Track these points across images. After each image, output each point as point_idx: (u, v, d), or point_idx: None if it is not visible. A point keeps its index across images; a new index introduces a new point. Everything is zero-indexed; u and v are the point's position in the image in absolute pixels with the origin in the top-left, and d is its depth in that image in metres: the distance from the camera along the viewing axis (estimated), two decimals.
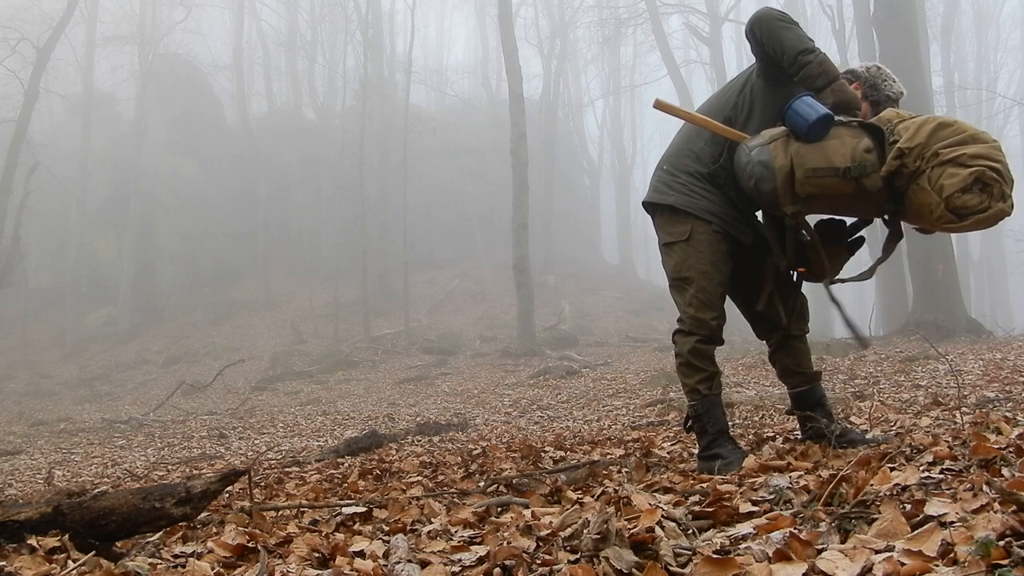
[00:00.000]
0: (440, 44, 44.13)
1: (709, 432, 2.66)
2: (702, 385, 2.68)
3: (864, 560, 1.28)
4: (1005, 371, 5.79)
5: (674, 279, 2.74)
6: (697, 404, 2.69)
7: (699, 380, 2.68)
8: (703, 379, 2.69)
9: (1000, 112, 27.50)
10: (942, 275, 11.09)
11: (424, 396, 10.98)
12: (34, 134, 19.32)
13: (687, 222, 2.67)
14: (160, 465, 6.20)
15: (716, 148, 2.67)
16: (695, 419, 2.70)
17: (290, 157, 26.23)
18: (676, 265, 2.71)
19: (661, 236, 2.77)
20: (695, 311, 2.67)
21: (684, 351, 2.70)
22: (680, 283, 2.71)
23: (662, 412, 6.02)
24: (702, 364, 2.69)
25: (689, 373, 2.70)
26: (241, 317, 22.44)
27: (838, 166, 2.35)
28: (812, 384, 2.85)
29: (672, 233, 2.72)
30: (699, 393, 2.69)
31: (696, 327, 2.68)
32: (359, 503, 2.51)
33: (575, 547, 1.55)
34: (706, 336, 2.69)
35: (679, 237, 2.69)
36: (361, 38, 22.93)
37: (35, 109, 17.51)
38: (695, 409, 2.70)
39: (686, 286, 2.69)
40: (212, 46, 30.78)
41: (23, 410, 14.16)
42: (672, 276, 2.75)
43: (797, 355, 2.84)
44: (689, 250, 2.67)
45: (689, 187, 2.69)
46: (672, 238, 2.72)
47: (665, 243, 2.76)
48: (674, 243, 2.72)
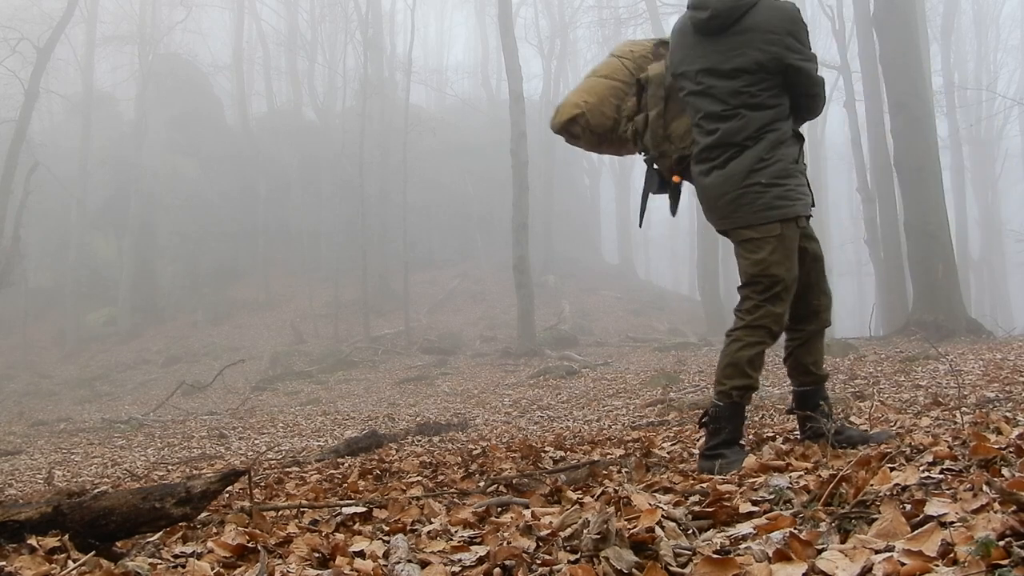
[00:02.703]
0: (440, 44, 44.13)
1: (722, 436, 2.61)
2: (736, 391, 2.62)
3: (864, 560, 1.28)
4: (1005, 371, 5.79)
5: (761, 275, 2.61)
6: (724, 407, 2.62)
7: (737, 385, 2.61)
8: (742, 386, 2.62)
9: (1000, 112, 27.53)
10: (942, 275, 11.09)
11: (424, 396, 10.98)
12: (34, 134, 19.31)
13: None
14: (160, 465, 6.20)
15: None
16: (714, 420, 2.63)
17: (290, 157, 26.22)
18: (763, 261, 2.61)
19: (743, 233, 2.65)
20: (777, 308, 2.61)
21: (743, 353, 2.60)
22: (768, 280, 2.61)
23: (662, 412, 6.02)
24: (751, 371, 2.62)
25: (732, 375, 2.62)
26: (241, 317, 22.44)
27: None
28: (820, 385, 2.83)
29: (759, 229, 2.62)
30: (730, 397, 2.62)
31: (774, 323, 2.61)
32: (359, 503, 2.51)
33: (575, 547, 1.55)
34: (774, 338, 2.65)
35: (768, 233, 2.60)
36: (361, 38, 22.93)
37: (35, 109, 17.50)
38: (719, 411, 2.63)
39: (773, 285, 2.60)
40: (212, 46, 30.77)
41: (23, 410, 14.17)
42: (758, 273, 2.61)
43: (815, 352, 2.80)
44: (779, 247, 2.61)
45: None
46: (758, 234, 2.62)
47: (749, 239, 2.64)
48: (761, 239, 2.62)
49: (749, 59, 2.59)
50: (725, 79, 2.62)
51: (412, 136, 20.77)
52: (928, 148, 11.71)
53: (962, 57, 32.12)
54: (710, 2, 2.61)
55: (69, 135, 24.18)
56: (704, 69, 2.65)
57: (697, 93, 2.68)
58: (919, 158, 11.52)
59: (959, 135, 27.13)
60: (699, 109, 2.68)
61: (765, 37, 2.59)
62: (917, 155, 11.55)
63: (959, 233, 22.64)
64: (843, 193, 35.23)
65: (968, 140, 28.78)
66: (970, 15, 32.61)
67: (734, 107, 2.61)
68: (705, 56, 2.65)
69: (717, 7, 2.60)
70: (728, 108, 2.61)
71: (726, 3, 2.60)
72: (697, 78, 2.67)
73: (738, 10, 2.59)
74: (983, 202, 31.13)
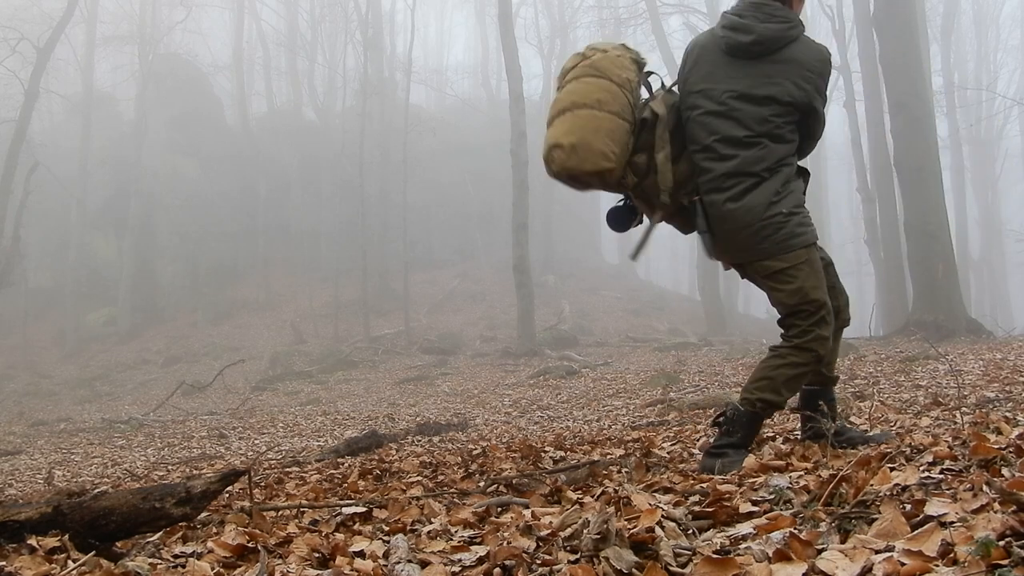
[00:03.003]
0: (440, 44, 44.16)
1: (733, 438, 2.59)
2: (762, 404, 2.60)
3: (864, 560, 1.28)
4: (1005, 371, 5.79)
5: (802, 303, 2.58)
6: (744, 414, 2.60)
7: (765, 399, 2.59)
8: (770, 401, 2.60)
9: (1000, 112, 27.53)
10: (942, 275, 11.09)
11: (424, 396, 10.98)
12: (34, 134, 19.31)
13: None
14: (160, 465, 6.20)
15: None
16: (730, 422, 2.60)
17: (290, 157, 26.22)
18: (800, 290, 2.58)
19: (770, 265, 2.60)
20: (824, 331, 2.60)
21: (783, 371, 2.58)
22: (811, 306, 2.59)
23: (662, 412, 6.02)
24: (785, 391, 2.60)
25: (764, 388, 2.59)
26: (241, 317, 22.45)
27: None
28: (829, 386, 2.82)
29: (787, 258, 2.57)
30: (754, 407, 2.60)
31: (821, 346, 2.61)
32: (359, 503, 2.51)
33: (575, 547, 1.55)
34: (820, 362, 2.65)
35: (796, 260, 2.58)
36: (361, 38, 22.94)
37: (35, 109, 17.51)
38: (739, 416, 2.60)
39: (817, 309, 2.59)
40: (212, 46, 30.78)
41: (23, 410, 14.17)
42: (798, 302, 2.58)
43: (831, 353, 2.78)
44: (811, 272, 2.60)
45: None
46: (787, 263, 2.57)
47: (778, 270, 2.59)
48: (791, 267, 2.57)
49: (783, 91, 2.56)
50: (754, 105, 2.56)
51: (412, 136, 20.77)
52: (928, 148, 11.71)
53: (962, 57, 32.13)
54: (755, 28, 2.56)
55: (69, 135, 24.18)
56: (733, 91, 2.57)
57: (718, 114, 2.58)
58: (919, 158, 11.52)
59: (959, 135, 27.13)
60: (715, 131, 2.58)
61: (803, 73, 2.58)
62: (917, 155, 11.55)
63: (959, 233, 22.64)
64: (843, 193, 35.24)
65: (968, 140, 28.79)
66: (970, 15, 32.63)
67: (758, 135, 2.55)
68: (736, 79, 2.57)
69: (763, 34, 2.56)
70: (752, 135, 2.55)
71: (773, 32, 2.56)
72: (722, 98, 2.57)
73: (782, 41, 2.57)
74: (983, 202, 31.13)
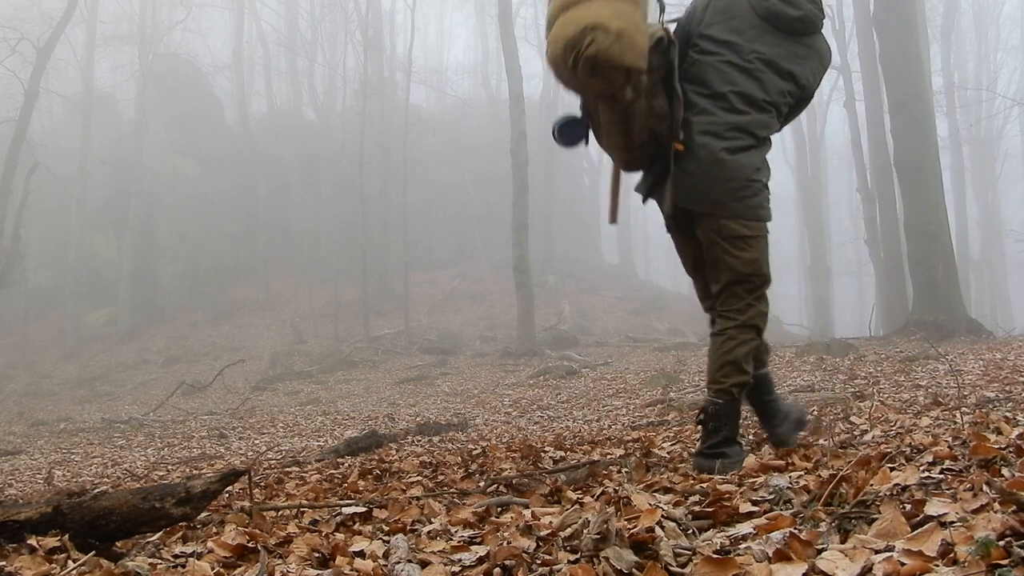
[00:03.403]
0: (440, 44, 44.16)
1: (723, 434, 2.58)
2: (736, 388, 2.60)
3: (864, 560, 1.28)
4: (1005, 371, 5.79)
5: (753, 275, 2.60)
6: (724, 404, 2.59)
7: (736, 383, 2.59)
8: (741, 383, 2.60)
9: (1000, 112, 27.54)
10: (942, 275, 11.09)
11: (424, 396, 10.98)
12: (34, 134, 19.32)
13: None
14: (160, 465, 6.20)
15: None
16: (714, 418, 2.59)
17: (290, 157, 26.23)
18: (756, 261, 2.60)
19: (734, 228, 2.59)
20: (764, 307, 2.64)
21: (740, 350, 2.59)
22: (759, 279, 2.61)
23: (662, 412, 6.02)
24: (747, 367, 2.62)
25: (730, 373, 2.59)
26: (241, 317, 22.45)
27: None
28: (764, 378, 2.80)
29: (752, 227, 2.60)
30: (731, 395, 2.59)
31: (763, 321, 2.63)
32: (359, 503, 2.51)
33: (575, 547, 1.55)
34: (761, 335, 2.67)
35: (759, 232, 2.61)
36: (361, 38, 22.95)
37: (35, 109, 17.51)
38: (720, 409, 2.59)
39: (762, 283, 2.62)
40: (212, 46, 30.79)
41: (23, 410, 14.17)
42: (750, 272, 2.60)
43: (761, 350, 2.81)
44: (766, 247, 2.64)
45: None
46: (751, 232, 2.60)
47: (740, 236, 2.59)
48: (753, 237, 2.60)
49: (803, 72, 2.62)
50: (777, 75, 2.59)
51: (412, 136, 20.77)
52: (928, 148, 11.71)
53: (962, 57, 32.12)
54: (804, 6, 2.58)
55: (69, 135, 24.19)
56: (762, 55, 2.57)
57: (742, 69, 2.57)
58: (919, 158, 11.52)
59: (959, 135, 27.13)
60: (735, 83, 2.56)
61: (818, 66, 2.67)
62: (917, 155, 11.56)
63: (959, 233, 22.65)
64: (843, 193, 35.24)
65: (968, 140, 28.79)
66: (970, 15, 32.62)
67: (772, 103, 2.60)
68: (767, 44, 2.58)
69: (809, 15, 2.60)
70: (768, 101, 2.59)
71: (815, 16, 2.62)
72: (749, 57, 2.57)
73: (815, 27, 2.65)
74: (983, 202, 31.13)
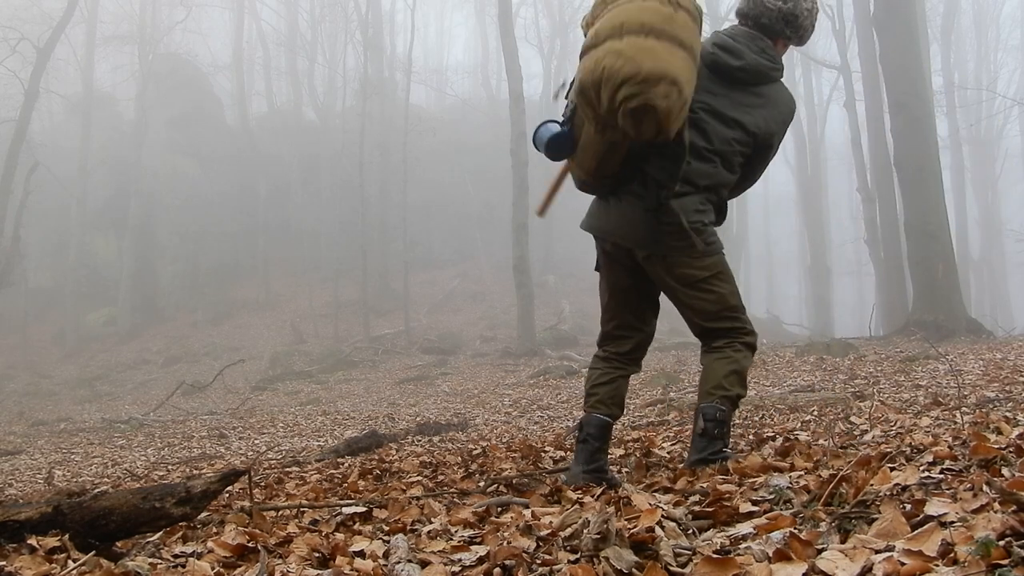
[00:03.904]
0: (440, 44, 44.15)
1: (726, 439, 2.63)
2: (739, 398, 2.65)
3: (864, 560, 1.28)
4: (1005, 371, 5.79)
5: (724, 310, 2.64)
6: (727, 412, 2.62)
7: (740, 394, 2.64)
8: (743, 395, 2.66)
9: (1000, 112, 27.54)
10: (942, 275, 11.09)
11: (424, 396, 10.98)
12: (34, 134, 19.32)
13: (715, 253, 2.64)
14: (160, 465, 6.20)
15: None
16: (721, 424, 2.60)
17: (290, 156, 26.23)
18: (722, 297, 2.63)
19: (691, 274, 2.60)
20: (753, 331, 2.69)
21: (745, 364, 2.64)
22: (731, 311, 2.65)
23: (662, 412, 6.02)
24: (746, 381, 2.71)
25: (735, 383, 2.62)
26: (241, 317, 22.45)
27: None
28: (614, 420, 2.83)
29: (706, 267, 2.60)
30: (735, 404, 2.65)
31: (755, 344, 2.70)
32: (359, 503, 2.51)
33: (575, 547, 1.55)
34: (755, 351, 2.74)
35: (715, 269, 2.62)
36: (361, 38, 22.95)
37: (35, 109, 17.52)
38: (725, 416, 2.61)
39: (736, 313, 2.66)
40: (212, 46, 30.79)
41: (23, 410, 14.17)
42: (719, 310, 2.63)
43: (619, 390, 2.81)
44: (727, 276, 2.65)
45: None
46: (708, 272, 2.61)
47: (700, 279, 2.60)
48: (711, 276, 2.61)
49: (752, 120, 2.58)
50: (721, 124, 2.55)
51: (412, 136, 20.77)
52: (928, 148, 11.71)
53: (962, 57, 32.12)
54: (746, 55, 2.56)
55: (69, 135, 24.19)
56: (706, 105, 2.54)
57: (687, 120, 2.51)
58: (919, 158, 11.53)
59: (959, 135, 27.14)
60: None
61: (773, 113, 2.62)
62: (917, 155, 11.56)
63: (959, 233, 22.65)
64: (843, 193, 35.23)
65: (968, 140, 28.79)
66: (970, 15, 32.62)
67: (715, 151, 2.56)
68: (712, 95, 2.56)
69: (752, 64, 2.57)
70: (710, 149, 2.55)
71: (760, 66, 2.58)
72: (695, 107, 2.51)
73: (765, 78, 2.60)
74: (983, 202, 31.14)
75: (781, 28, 2.61)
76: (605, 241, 2.74)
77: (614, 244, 2.71)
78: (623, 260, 2.73)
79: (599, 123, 2.43)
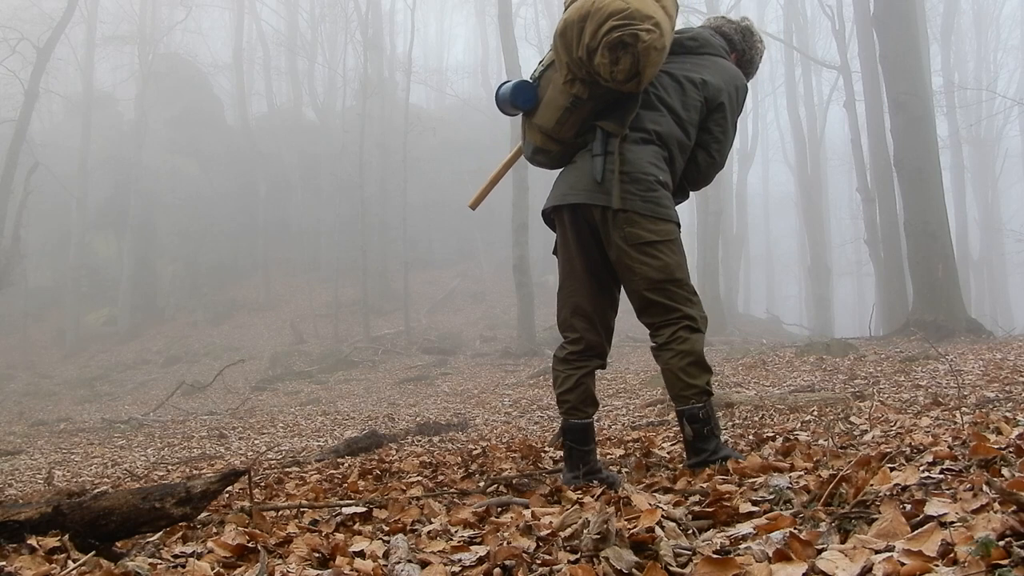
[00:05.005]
0: (440, 44, 44.15)
1: (716, 432, 2.56)
2: (710, 385, 2.55)
3: (864, 560, 1.28)
4: (1005, 371, 5.79)
5: (668, 280, 2.55)
6: (705, 405, 2.53)
7: (708, 379, 2.55)
8: (710, 378, 2.56)
9: (1000, 112, 27.53)
10: (942, 275, 11.09)
11: (424, 396, 10.98)
12: (34, 134, 19.34)
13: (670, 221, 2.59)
14: (160, 465, 6.20)
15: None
16: (706, 421, 2.53)
17: (290, 156, 26.23)
18: (668, 266, 2.55)
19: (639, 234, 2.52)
20: (701, 310, 2.59)
21: (697, 347, 2.53)
22: (675, 284, 2.56)
23: (662, 412, 6.01)
24: (707, 361, 2.59)
25: (698, 373, 2.53)
26: (241, 317, 22.45)
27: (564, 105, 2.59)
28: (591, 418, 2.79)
29: (656, 231, 2.53)
30: (708, 393, 2.54)
31: (704, 324, 2.61)
32: (359, 503, 2.51)
33: (575, 547, 1.55)
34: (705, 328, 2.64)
35: (665, 236, 2.55)
36: (361, 38, 22.95)
37: (35, 109, 17.52)
38: (708, 408, 2.53)
39: (680, 288, 2.57)
40: (212, 46, 30.81)
41: (23, 410, 14.17)
42: (663, 279, 2.54)
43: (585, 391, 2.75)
44: (677, 248, 2.58)
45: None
46: (658, 236, 2.53)
47: (648, 242, 2.53)
48: (660, 242, 2.54)
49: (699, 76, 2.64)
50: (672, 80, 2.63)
51: (412, 136, 20.78)
52: (928, 148, 11.71)
53: (962, 57, 32.12)
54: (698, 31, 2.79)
55: (69, 135, 24.19)
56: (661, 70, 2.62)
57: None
58: (919, 158, 11.52)
59: (959, 135, 27.13)
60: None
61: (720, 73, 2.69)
62: (917, 155, 11.56)
63: (959, 233, 22.66)
64: (843, 193, 35.25)
65: (968, 140, 28.79)
66: (970, 15, 32.62)
67: (664, 103, 2.60)
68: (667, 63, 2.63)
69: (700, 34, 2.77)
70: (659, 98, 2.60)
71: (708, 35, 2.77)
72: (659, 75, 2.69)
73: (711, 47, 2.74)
74: (983, 202, 31.14)
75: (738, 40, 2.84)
76: (562, 210, 2.69)
77: (572, 214, 2.66)
78: (582, 235, 2.67)
79: (570, 70, 2.49)
